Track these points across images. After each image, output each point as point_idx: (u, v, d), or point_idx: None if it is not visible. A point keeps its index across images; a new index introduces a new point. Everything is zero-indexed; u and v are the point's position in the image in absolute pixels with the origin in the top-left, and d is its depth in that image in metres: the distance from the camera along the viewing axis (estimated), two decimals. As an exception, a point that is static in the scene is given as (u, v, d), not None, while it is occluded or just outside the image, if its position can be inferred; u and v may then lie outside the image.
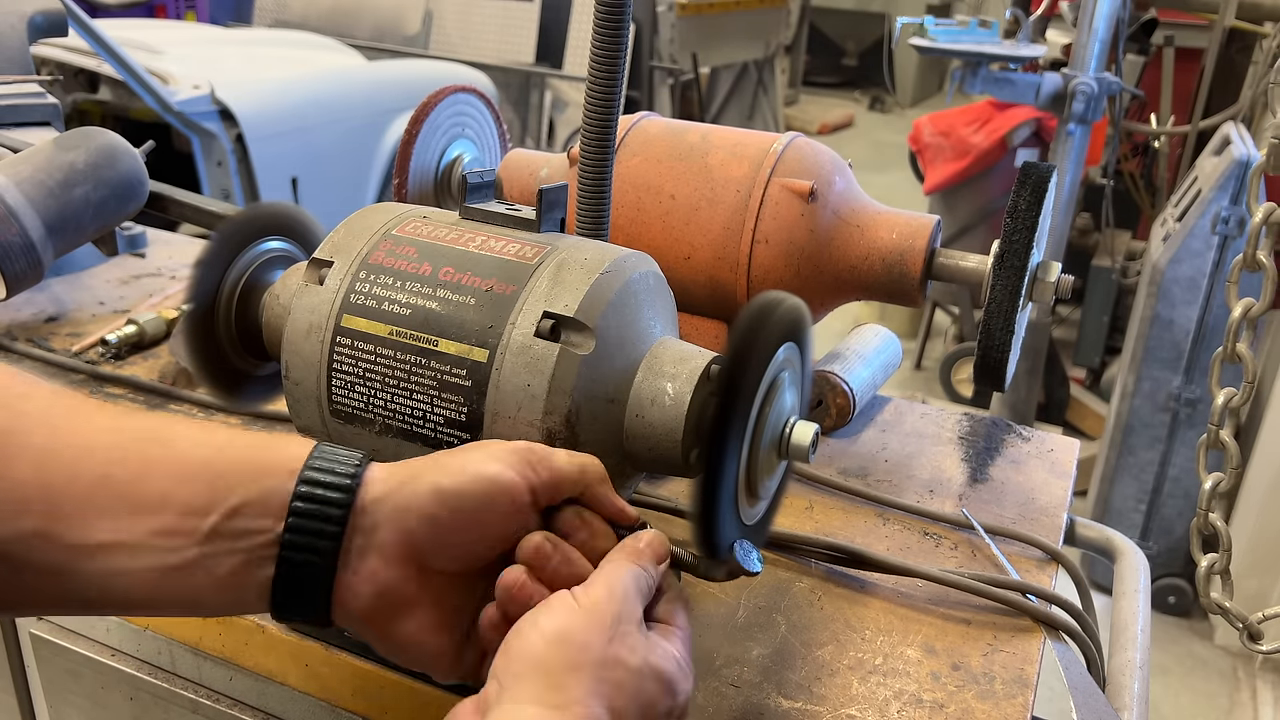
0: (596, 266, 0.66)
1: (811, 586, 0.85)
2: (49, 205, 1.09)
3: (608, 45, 0.75)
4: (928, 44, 2.61)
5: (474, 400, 0.65)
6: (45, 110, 1.36)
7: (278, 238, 0.82)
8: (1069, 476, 1.04)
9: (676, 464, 0.66)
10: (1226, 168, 2.37)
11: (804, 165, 0.98)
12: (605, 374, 0.66)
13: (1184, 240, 2.46)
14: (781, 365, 0.63)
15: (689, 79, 5.40)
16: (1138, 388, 2.62)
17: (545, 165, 1.11)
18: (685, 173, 1.00)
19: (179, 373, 1.13)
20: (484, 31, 4.77)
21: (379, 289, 0.68)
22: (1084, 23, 2.47)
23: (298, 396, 0.71)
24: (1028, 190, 0.89)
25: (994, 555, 0.90)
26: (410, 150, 1.13)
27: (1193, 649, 2.64)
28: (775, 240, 0.97)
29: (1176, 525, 2.70)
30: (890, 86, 8.77)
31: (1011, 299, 0.89)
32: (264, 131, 3.18)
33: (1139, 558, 1.01)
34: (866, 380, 1.11)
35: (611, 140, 0.78)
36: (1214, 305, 2.49)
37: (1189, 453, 2.63)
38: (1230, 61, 3.18)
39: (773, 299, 0.61)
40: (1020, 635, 0.80)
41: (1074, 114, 2.51)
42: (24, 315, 1.26)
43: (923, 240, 0.97)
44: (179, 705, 0.84)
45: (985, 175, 3.59)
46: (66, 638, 0.88)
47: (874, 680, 0.75)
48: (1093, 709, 0.78)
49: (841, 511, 0.96)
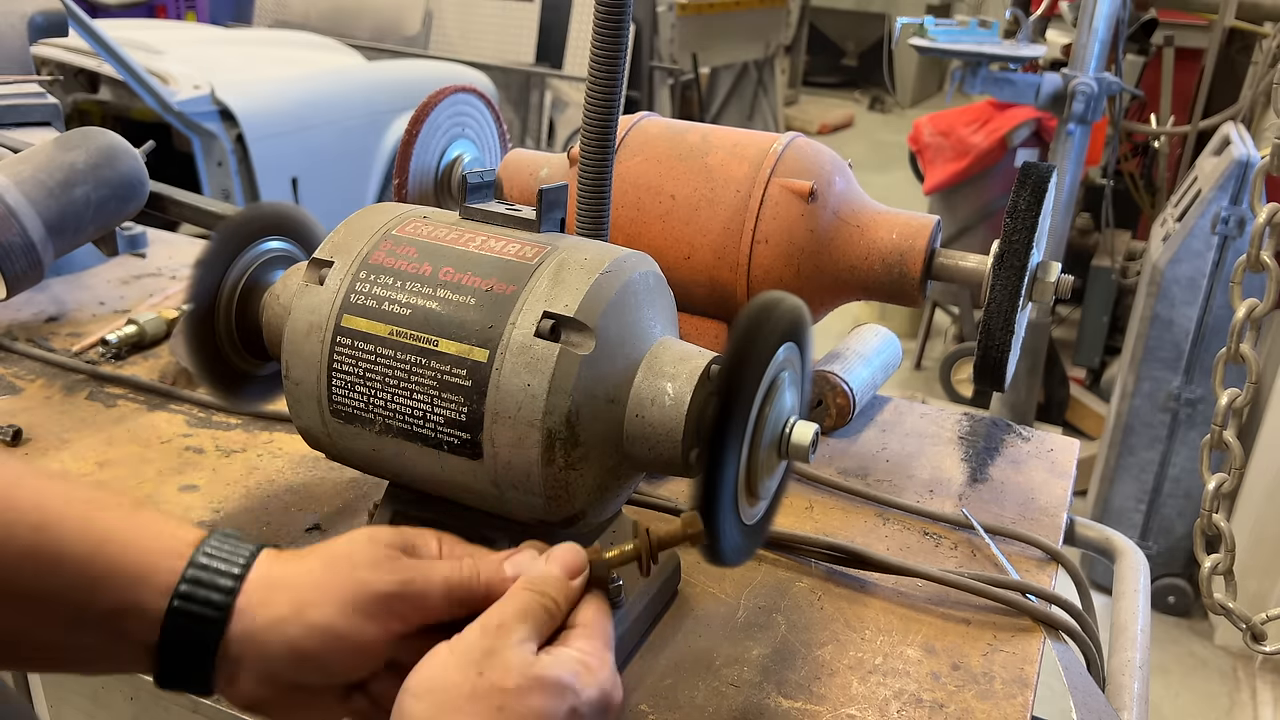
0: (596, 266, 0.66)
1: (811, 586, 0.85)
2: (49, 205, 1.09)
3: (608, 45, 0.75)
4: (928, 44, 2.62)
5: (474, 400, 0.64)
6: (45, 110, 1.36)
7: (278, 238, 0.82)
8: (1069, 476, 1.04)
9: (676, 464, 0.66)
10: (1226, 168, 2.37)
11: (804, 165, 0.98)
12: (605, 374, 0.66)
13: (1184, 240, 2.46)
14: (781, 365, 0.63)
15: (689, 79, 5.41)
16: (1138, 388, 2.62)
17: (545, 165, 1.11)
18: (685, 173, 1.00)
19: (179, 373, 1.13)
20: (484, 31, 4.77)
21: (379, 289, 0.68)
22: (1084, 23, 2.47)
23: (298, 396, 0.71)
24: (1028, 190, 0.89)
25: (994, 555, 0.90)
26: (410, 150, 1.13)
27: (1193, 649, 2.64)
28: (775, 240, 0.97)
29: (1176, 525, 2.70)
30: (890, 86, 8.77)
31: (1011, 299, 0.89)
32: (264, 131, 3.18)
33: (1139, 558, 1.01)
34: (866, 380, 1.11)
35: (611, 140, 0.78)
36: (1214, 305, 2.49)
37: (1189, 453, 2.63)
38: (1230, 61, 3.18)
39: (773, 299, 0.61)
40: (1020, 635, 0.80)
41: (1074, 114, 2.51)
42: (24, 315, 1.26)
43: (923, 240, 0.97)
44: (179, 705, 0.84)
45: (985, 175, 3.59)
46: (66, 638, 0.88)
47: (874, 680, 0.75)
48: (1093, 709, 0.78)
49: (841, 511, 0.96)
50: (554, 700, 0.52)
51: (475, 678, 0.52)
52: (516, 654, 0.53)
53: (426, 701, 0.52)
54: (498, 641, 0.54)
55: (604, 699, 0.55)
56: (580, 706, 0.53)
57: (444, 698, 0.51)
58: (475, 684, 0.51)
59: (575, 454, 0.65)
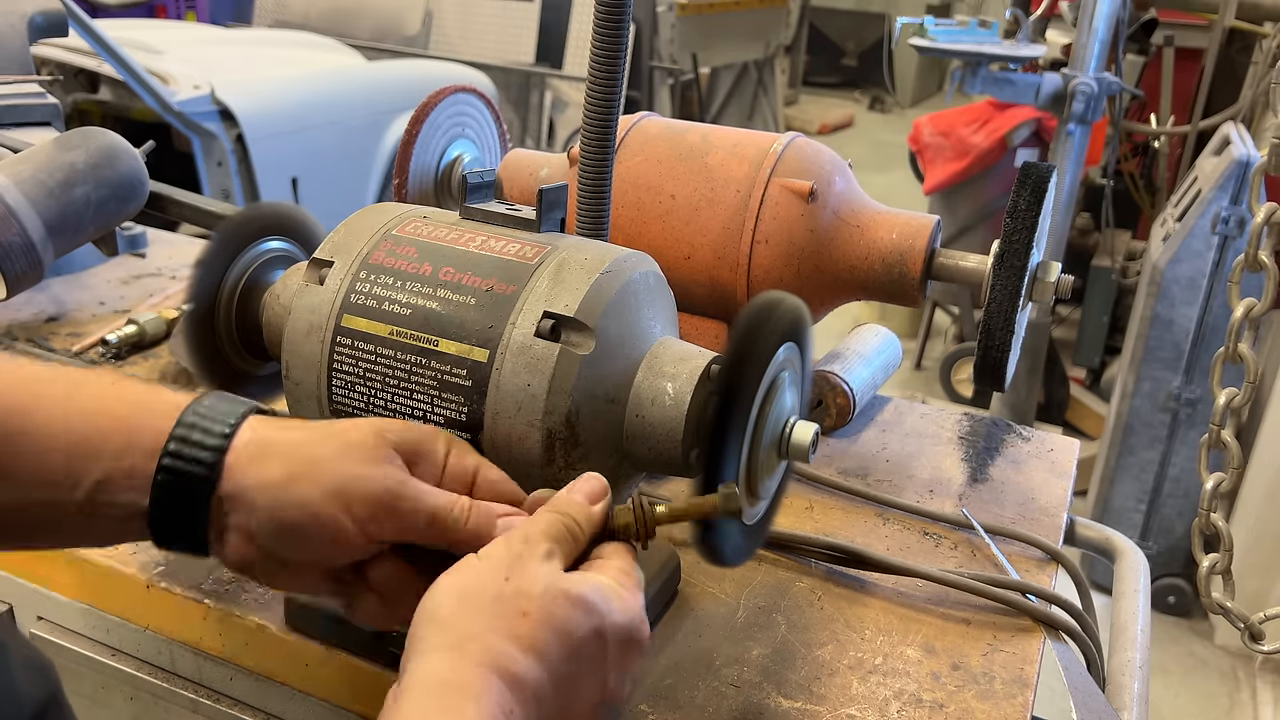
0: (596, 266, 0.66)
1: (811, 586, 0.85)
2: (49, 205, 1.09)
3: (608, 45, 0.75)
4: (928, 44, 2.61)
5: (474, 400, 0.65)
6: (45, 110, 1.36)
7: (278, 238, 0.82)
8: (1069, 476, 1.04)
9: (676, 464, 0.66)
10: (1226, 168, 2.37)
11: (804, 165, 0.98)
12: (605, 374, 0.66)
13: (1184, 240, 2.46)
14: (781, 365, 0.63)
15: (689, 79, 5.40)
16: (1138, 388, 2.62)
17: (545, 165, 1.11)
18: (685, 173, 1.00)
19: (179, 373, 1.13)
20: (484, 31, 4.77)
21: (379, 289, 0.68)
22: (1084, 23, 2.47)
23: (298, 396, 0.71)
24: (1028, 190, 0.89)
25: (994, 555, 0.90)
26: (410, 150, 1.13)
27: (1193, 649, 2.64)
28: (775, 240, 0.97)
29: (1176, 525, 2.70)
30: (890, 86, 8.77)
31: (1011, 299, 0.89)
32: (264, 131, 3.18)
33: (1139, 558, 1.01)
34: (866, 380, 1.11)
35: (611, 140, 0.78)
36: (1214, 305, 2.49)
37: (1189, 453, 2.63)
38: (1230, 61, 3.18)
39: (773, 299, 0.61)
40: (1020, 635, 0.80)
41: (1074, 114, 2.51)
42: (24, 315, 1.26)
43: (923, 240, 0.97)
44: (179, 705, 0.84)
45: (985, 175, 3.59)
46: (66, 637, 0.88)
47: (874, 680, 0.75)
48: (1093, 709, 0.78)
49: (841, 511, 0.96)
50: (580, 615, 0.52)
51: (501, 582, 0.52)
52: (544, 566, 0.53)
53: (453, 602, 0.51)
54: (525, 550, 0.54)
55: (630, 629, 0.54)
56: (605, 629, 0.53)
57: (469, 599, 0.51)
58: (501, 588, 0.51)
59: (575, 454, 0.65)
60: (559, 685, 0.51)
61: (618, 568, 0.56)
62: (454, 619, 0.50)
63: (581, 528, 0.57)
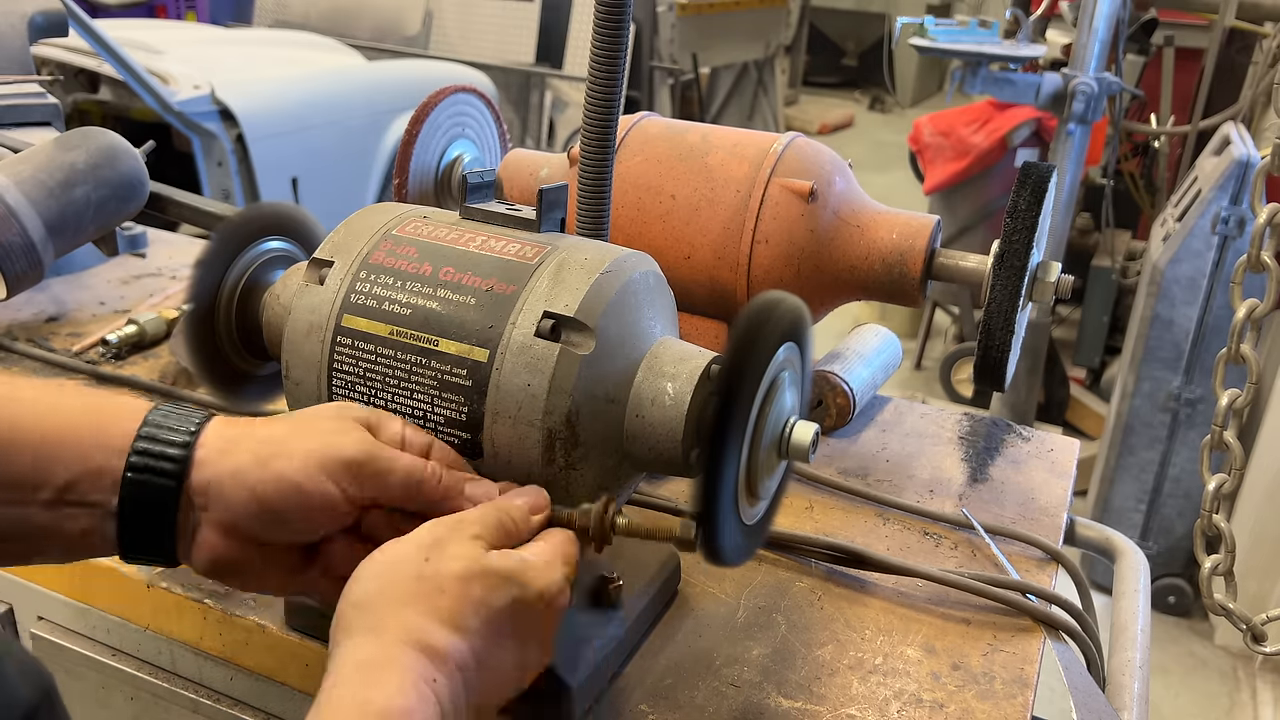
0: (596, 266, 0.66)
1: (811, 586, 0.85)
2: (49, 205, 1.09)
3: (608, 45, 0.75)
4: (928, 44, 2.62)
5: (474, 400, 0.65)
6: (45, 110, 1.36)
7: (278, 238, 0.82)
8: (1069, 476, 1.04)
9: (676, 464, 0.66)
10: (1226, 168, 2.37)
11: (804, 165, 0.98)
12: (605, 374, 0.66)
13: (1184, 240, 2.46)
14: (781, 365, 0.63)
15: (689, 79, 5.40)
16: (1138, 388, 2.62)
17: (545, 165, 1.11)
18: (685, 173, 1.00)
19: (179, 373, 1.13)
20: (484, 31, 4.77)
21: (379, 289, 0.68)
22: (1084, 23, 2.47)
23: (298, 396, 0.71)
24: (1028, 190, 0.89)
25: (994, 555, 0.90)
26: (410, 150, 1.13)
27: (1193, 649, 2.64)
28: (775, 240, 0.97)
29: (1176, 525, 2.70)
30: (890, 86, 8.77)
31: (1011, 299, 0.89)
32: (264, 131, 3.18)
33: (1139, 558, 1.01)
34: (866, 380, 1.11)
35: (611, 140, 0.78)
36: (1214, 305, 2.49)
37: (1189, 453, 2.63)
38: (1230, 61, 3.18)
39: (773, 299, 0.61)
40: (1020, 635, 0.80)
41: (1074, 114, 2.51)
42: (24, 315, 1.26)
43: (923, 240, 0.97)
44: (179, 705, 0.84)
45: (985, 175, 3.59)
46: (67, 637, 0.88)
47: (874, 680, 0.75)
48: (1093, 709, 0.78)
49: (841, 511, 0.96)
50: (495, 591, 0.54)
51: (422, 563, 0.54)
52: (466, 547, 0.55)
53: (375, 582, 0.54)
54: (450, 534, 0.56)
55: (547, 597, 0.57)
56: (525, 598, 0.55)
57: (390, 579, 0.54)
58: (421, 568, 0.54)
59: (575, 454, 0.65)
60: (481, 654, 0.53)
61: (546, 545, 0.59)
62: (375, 601, 0.53)
63: (517, 525, 0.59)
